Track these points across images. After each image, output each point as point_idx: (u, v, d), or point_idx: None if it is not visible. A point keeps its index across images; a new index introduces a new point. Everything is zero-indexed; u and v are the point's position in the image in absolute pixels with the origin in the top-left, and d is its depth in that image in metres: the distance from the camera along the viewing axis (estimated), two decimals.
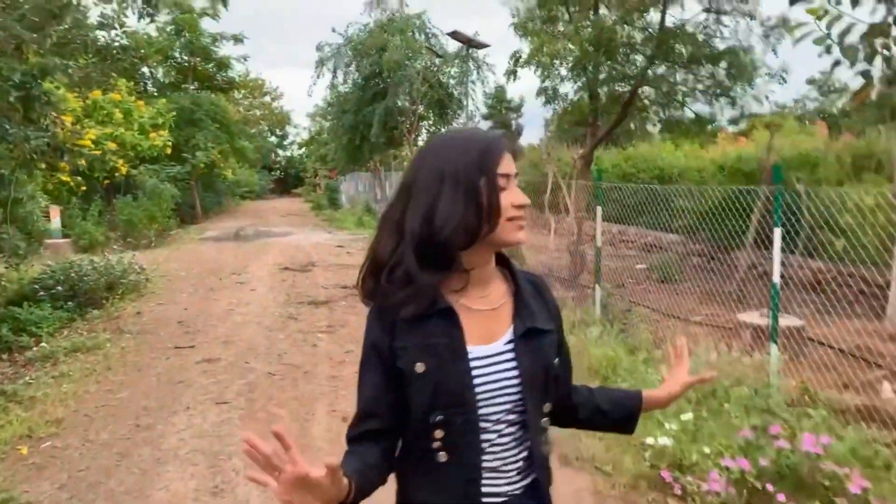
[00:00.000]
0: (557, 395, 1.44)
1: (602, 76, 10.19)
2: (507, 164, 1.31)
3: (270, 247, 15.54)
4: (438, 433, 1.29)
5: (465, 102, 23.46)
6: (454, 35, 16.44)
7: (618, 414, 1.57)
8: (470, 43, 16.61)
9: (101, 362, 6.16)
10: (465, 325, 1.31)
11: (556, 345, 1.43)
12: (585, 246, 10.47)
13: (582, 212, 11.18)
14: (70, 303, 8.64)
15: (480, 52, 19.86)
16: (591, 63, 9.80)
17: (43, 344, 7.04)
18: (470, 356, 1.29)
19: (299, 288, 10.08)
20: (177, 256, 13.94)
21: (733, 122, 10.82)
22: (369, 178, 26.38)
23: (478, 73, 23.10)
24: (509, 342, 1.34)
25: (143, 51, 23.35)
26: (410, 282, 1.28)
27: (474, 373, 1.29)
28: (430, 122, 24.58)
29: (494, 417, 1.32)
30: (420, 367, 1.27)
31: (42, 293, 8.58)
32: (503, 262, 1.45)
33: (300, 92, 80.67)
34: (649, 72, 9.32)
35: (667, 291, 9.67)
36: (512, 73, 10.73)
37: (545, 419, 1.40)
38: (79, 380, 5.58)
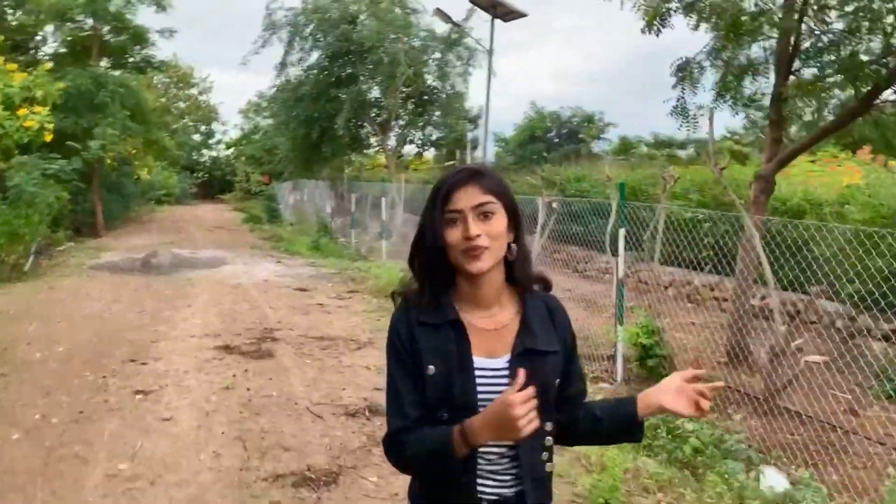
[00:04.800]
0: (565, 416, 1.57)
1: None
2: (459, 200, 1.43)
3: (197, 290, 10.29)
4: None
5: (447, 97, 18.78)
6: None
7: (614, 420, 1.58)
8: (495, 9, 11.92)
9: None
10: (472, 339, 1.47)
11: (559, 367, 1.52)
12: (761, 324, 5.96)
13: (754, 271, 6.66)
14: None
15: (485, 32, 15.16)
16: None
17: None
18: (475, 367, 1.46)
19: (263, 415, 5.07)
20: (41, 306, 8.60)
21: None
22: (324, 186, 21.24)
23: (467, 60, 18.59)
24: (508, 360, 1.47)
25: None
26: (422, 295, 1.50)
27: (478, 380, 1.45)
28: (403, 124, 19.78)
29: None
30: (431, 369, 1.44)
31: None
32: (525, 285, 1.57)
33: (227, 93, 75.04)
34: None
35: None
36: (658, 21, 6.04)
37: (547, 438, 1.51)
38: None
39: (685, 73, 7.16)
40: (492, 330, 1.49)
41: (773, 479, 4.24)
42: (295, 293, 10.28)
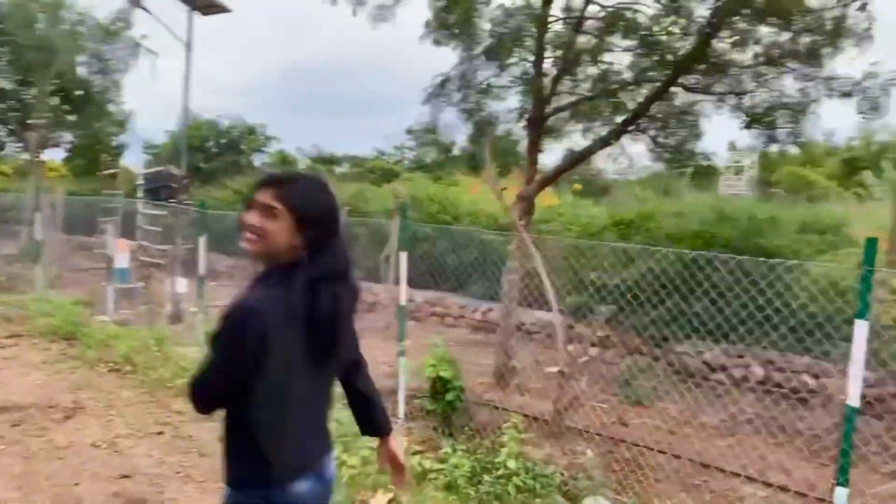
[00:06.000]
0: None
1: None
2: (257, 195, 1.75)
3: None
4: None
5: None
6: None
7: None
8: (193, 1, 10.38)
9: None
10: None
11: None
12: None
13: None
14: None
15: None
16: None
17: None
18: None
19: None
20: None
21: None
22: None
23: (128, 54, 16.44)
24: None
25: None
26: None
27: None
28: (47, 123, 16.55)
29: None
30: None
31: None
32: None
33: None
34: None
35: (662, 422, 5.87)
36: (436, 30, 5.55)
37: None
38: None
39: (441, 91, 7.00)
40: None
41: None
42: None
